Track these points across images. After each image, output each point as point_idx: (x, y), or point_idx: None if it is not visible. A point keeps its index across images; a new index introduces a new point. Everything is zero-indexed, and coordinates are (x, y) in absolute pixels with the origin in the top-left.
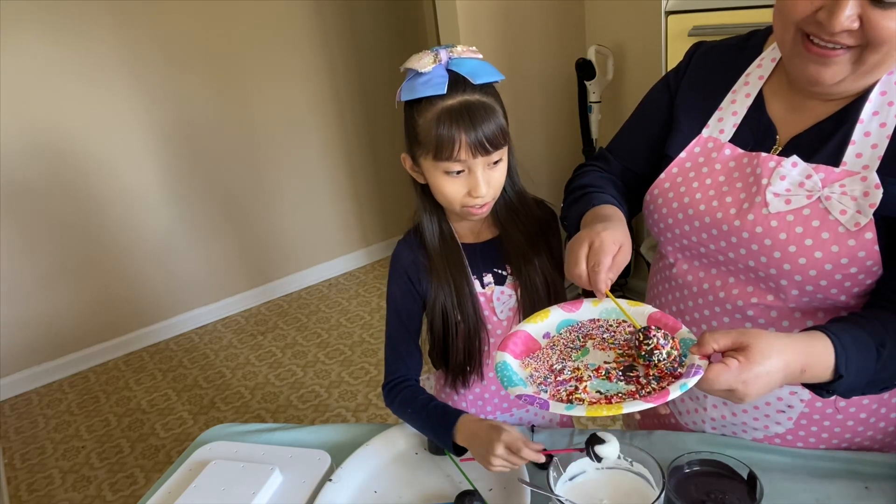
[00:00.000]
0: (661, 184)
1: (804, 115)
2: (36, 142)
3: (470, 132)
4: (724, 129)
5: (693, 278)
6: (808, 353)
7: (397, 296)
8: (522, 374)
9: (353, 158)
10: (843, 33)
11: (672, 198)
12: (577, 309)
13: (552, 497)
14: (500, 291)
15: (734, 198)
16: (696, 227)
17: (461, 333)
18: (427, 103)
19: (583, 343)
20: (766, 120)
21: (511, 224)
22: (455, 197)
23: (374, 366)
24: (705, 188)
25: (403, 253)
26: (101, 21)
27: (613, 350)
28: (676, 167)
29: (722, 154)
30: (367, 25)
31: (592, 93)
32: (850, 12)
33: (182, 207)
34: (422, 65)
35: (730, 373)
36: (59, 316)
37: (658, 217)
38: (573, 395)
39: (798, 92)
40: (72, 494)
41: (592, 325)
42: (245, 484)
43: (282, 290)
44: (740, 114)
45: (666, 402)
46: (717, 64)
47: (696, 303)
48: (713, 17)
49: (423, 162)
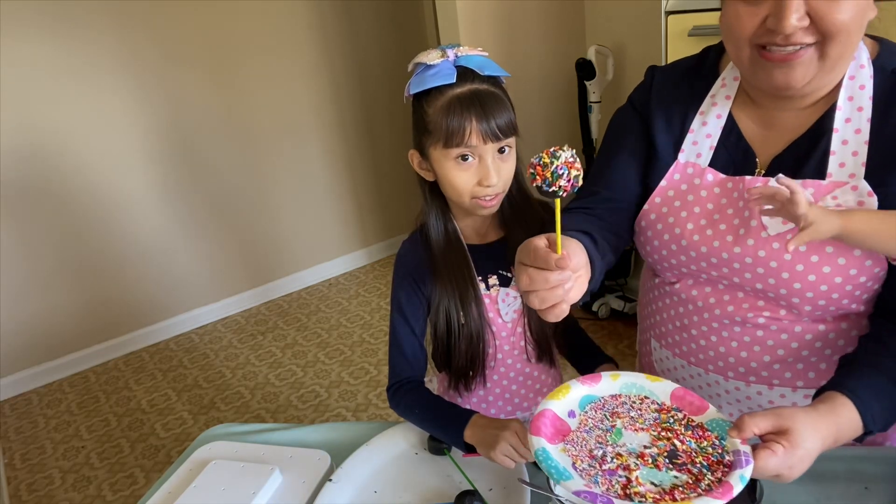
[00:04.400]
0: (646, 215)
1: (779, 132)
2: (36, 141)
3: (481, 118)
4: (700, 153)
5: (699, 293)
6: (838, 424)
7: (401, 296)
8: (564, 462)
9: (353, 158)
10: (797, 32)
11: (661, 230)
12: (596, 383)
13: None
14: (506, 293)
15: (728, 225)
16: (693, 257)
17: (465, 336)
18: (436, 93)
19: (612, 423)
20: (744, 143)
21: (516, 225)
22: (465, 187)
23: (374, 366)
24: (695, 217)
25: (408, 253)
26: (100, 21)
27: (647, 431)
28: (659, 196)
29: (705, 180)
30: (367, 25)
31: (592, 93)
32: (798, 11)
33: (182, 207)
34: (430, 58)
35: (777, 459)
36: (59, 316)
37: (650, 248)
38: (628, 488)
39: (766, 107)
40: (72, 494)
41: (616, 402)
42: (245, 484)
43: (282, 290)
44: (714, 136)
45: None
46: (679, 86)
47: (702, 318)
48: (713, 17)
49: (433, 152)
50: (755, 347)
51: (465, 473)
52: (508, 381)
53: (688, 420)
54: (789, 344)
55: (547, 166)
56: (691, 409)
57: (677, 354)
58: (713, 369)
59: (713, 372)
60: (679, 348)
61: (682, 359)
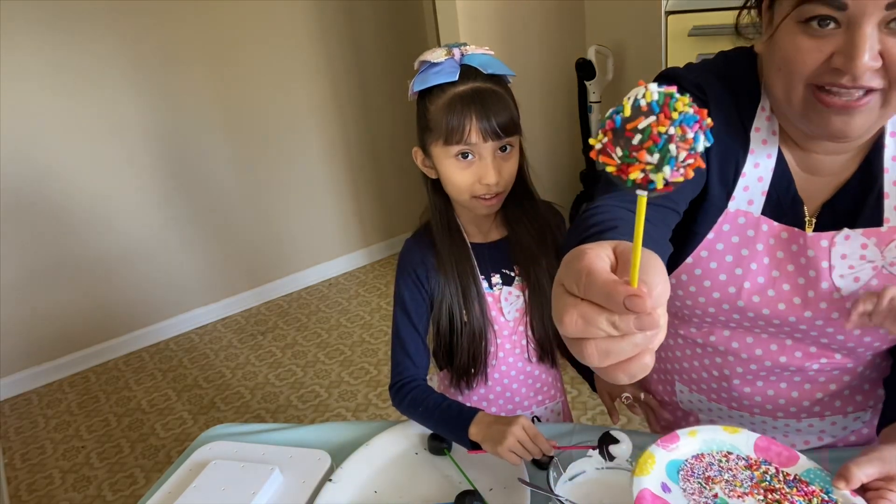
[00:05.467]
0: (689, 269)
1: (822, 177)
2: (35, 141)
3: (481, 117)
4: (752, 200)
5: (740, 345)
6: None
7: (405, 293)
8: None
9: (353, 158)
10: (866, 74)
11: (710, 287)
12: (675, 443)
13: (552, 497)
14: (508, 292)
15: (792, 285)
16: (750, 318)
17: (467, 334)
18: (438, 90)
19: (712, 491)
20: (794, 188)
21: (519, 224)
22: (464, 185)
23: (373, 366)
24: (753, 275)
25: (412, 250)
26: (100, 21)
27: (751, 496)
28: (706, 250)
29: (760, 231)
30: (367, 25)
31: (592, 93)
32: (872, 50)
33: (182, 207)
34: (434, 56)
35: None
36: (59, 316)
37: (692, 304)
38: None
39: (808, 149)
40: (72, 494)
41: (702, 464)
42: (245, 484)
43: (282, 290)
44: (766, 180)
45: None
46: (723, 109)
47: (748, 368)
48: (713, 17)
49: (434, 149)
50: (806, 386)
51: (465, 473)
52: (509, 379)
53: (783, 475)
54: (841, 378)
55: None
56: (780, 460)
57: (714, 400)
58: (759, 412)
59: (759, 415)
60: (717, 395)
61: (721, 404)
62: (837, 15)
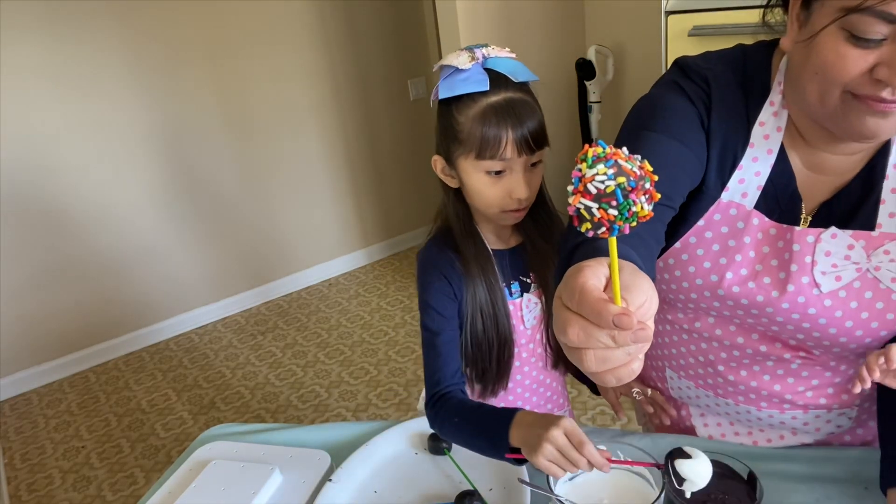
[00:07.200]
0: (676, 254)
1: (825, 176)
2: (35, 141)
3: (517, 129)
4: (747, 193)
5: (723, 333)
6: None
7: (435, 297)
8: None
9: (353, 158)
10: None
11: (694, 273)
12: None
13: (552, 497)
14: (528, 299)
15: (773, 278)
16: (729, 306)
17: (490, 340)
18: (468, 100)
19: None
20: (793, 186)
21: (535, 231)
22: (495, 200)
23: (373, 366)
24: (736, 266)
25: (434, 254)
26: (100, 22)
27: None
28: (695, 236)
29: (750, 224)
30: (367, 25)
31: (592, 93)
32: None
33: (182, 207)
34: (460, 62)
35: None
36: (59, 316)
37: (676, 288)
38: None
39: (818, 148)
40: (72, 494)
41: None
42: (245, 484)
43: (282, 290)
44: (764, 175)
45: None
46: (728, 102)
47: (731, 355)
48: (713, 16)
49: (463, 162)
50: (789, 379)
51: (465, 473)
52: (523, 388)
53: None
54: (823, 373)
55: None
56: None
57: (701, 386)
58: (744, 401)
59: (743, 403)
60: (703, 381)
61: (708, 390)
62: (889, 28)
